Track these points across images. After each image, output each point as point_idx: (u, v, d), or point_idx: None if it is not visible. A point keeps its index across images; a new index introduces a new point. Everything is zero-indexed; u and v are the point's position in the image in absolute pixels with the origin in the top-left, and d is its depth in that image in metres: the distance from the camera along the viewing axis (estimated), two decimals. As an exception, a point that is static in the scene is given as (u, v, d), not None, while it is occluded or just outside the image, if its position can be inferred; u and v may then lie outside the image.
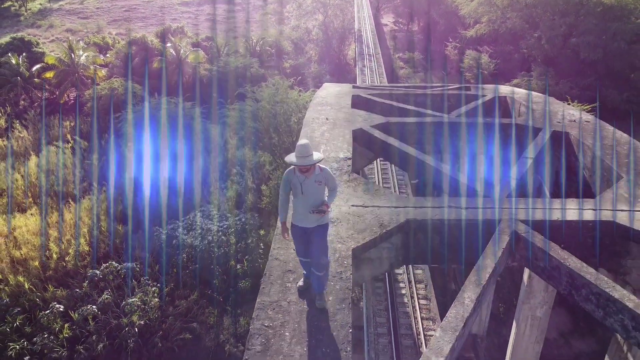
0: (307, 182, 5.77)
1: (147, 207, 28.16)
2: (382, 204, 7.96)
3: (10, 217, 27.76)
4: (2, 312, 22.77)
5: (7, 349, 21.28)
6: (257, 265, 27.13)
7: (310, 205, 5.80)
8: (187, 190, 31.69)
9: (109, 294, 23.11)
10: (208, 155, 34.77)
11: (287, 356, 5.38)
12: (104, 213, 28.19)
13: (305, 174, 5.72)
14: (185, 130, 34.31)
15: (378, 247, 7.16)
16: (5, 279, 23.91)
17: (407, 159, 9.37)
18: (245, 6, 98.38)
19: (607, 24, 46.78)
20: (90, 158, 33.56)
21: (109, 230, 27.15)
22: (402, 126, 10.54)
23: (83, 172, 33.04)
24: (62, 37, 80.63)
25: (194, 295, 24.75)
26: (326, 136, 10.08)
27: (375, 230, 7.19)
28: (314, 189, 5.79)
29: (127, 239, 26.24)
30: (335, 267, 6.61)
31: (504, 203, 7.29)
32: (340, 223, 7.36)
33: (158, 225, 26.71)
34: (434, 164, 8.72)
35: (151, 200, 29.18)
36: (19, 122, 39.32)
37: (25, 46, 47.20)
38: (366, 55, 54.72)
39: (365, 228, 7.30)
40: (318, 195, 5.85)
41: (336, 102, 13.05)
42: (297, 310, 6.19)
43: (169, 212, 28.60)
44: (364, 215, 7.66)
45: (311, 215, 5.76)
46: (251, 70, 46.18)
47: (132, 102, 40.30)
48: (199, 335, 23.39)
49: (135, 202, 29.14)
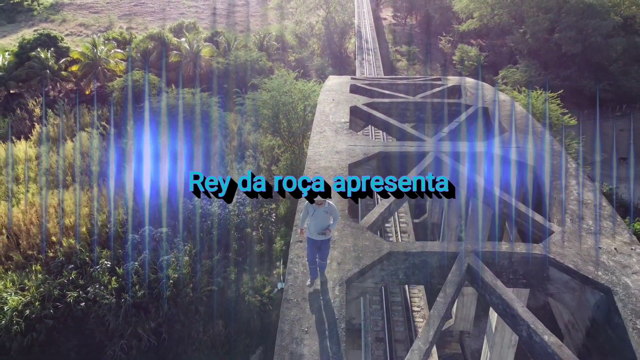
0: (318, 211, 8.37)
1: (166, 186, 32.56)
2: (365, 144, 13.13)
3: (59, 191, 32.15)
4: (59, 268, 27.23)
5: (66, 297, 25.76)
6: (269, 232, 31.61)
7: (318, 225, 8.39)
8: (205, 169, 36.13)
9: (147, 253, 27.58)
10: (224, 139, 39.14)
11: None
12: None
13: (319, 206, 8.41)
14: (203, 118, 38.54)
15: (363, 167, 12.12)
16: (59, 241, 28.32)
17: (383, 124, 14.14)
18: (249, 1, 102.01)
19: (586, 21, 50.87)
20: (121, 142, 37.90)
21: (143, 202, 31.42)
22: (382, 104, 15.30)
23: (115, 153, 37.36)
24: (76, 31, 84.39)
25: (217, 256, 29.20)
26: (333, 110, 14.86)
27: (362, 156, 11.95)
28: (322, 215, 8.37)
29: (160, 209, 30.62)
30: (337, 172, 10.93)
31: (432, 144, 12.08)
32: (342, 153, 11.89)
33: (187, 198, 31.03)
34: (398, 125, 13.32)
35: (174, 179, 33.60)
36: (52, 111, 43.65)
37: (51, 41, 51.28)
38: (365, 50, 58.79)
39: (356, 155, 12.13)
40: (324, 221, 8.40)
41: (339, 89, 17.55)
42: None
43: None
44: (355, 149, 12.80)
45: (320, 233, 8.46)
46: (259, 63, 50.27)
47: (153, 93, 44.62)
48: (222, 288, 27.84)
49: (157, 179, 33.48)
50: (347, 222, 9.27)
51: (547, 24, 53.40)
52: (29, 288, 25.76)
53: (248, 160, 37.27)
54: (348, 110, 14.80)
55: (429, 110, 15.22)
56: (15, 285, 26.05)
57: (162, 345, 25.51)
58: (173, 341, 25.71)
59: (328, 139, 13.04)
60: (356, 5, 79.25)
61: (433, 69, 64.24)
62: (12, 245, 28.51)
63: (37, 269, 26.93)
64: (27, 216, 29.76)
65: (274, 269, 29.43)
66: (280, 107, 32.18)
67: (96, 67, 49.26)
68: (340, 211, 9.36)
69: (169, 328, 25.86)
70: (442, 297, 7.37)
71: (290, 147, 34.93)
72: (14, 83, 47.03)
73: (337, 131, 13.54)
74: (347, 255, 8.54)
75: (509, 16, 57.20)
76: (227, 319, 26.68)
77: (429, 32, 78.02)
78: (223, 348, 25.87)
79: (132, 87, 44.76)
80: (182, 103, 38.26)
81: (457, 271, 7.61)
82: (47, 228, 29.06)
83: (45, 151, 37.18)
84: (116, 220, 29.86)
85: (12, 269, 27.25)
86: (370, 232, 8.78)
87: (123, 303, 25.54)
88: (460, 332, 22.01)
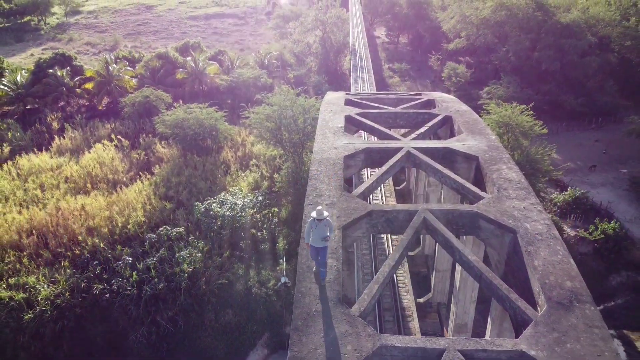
0: (319, 225, 10.52)
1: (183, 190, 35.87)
2: (355, 142, 16.90)
3: (80, 197, 35.36)
4: (85, 264, 30.33)
5: (92, 289, 28.84)
6: (272, 232, 34.79)
7: (319, 235, 10.48)
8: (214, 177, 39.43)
9: (164, 251, 30.75)
10: (230, 149, 42.52)
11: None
12: (152, 193, 35.77)
13: (319, 222, 10.55)
14: (211, 130, 41.90)
15: (354, 158, 15.49)
16: (84, 240, 31.46)
17: (370, 128, 17.75)
18: (248, 20, 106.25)
19: (564, 40, 54.96)
20: (136, 152, 41.24)
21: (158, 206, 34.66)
22: (370, 114, 19.16)
23: (130, 164, 40.66)
24: (83, 50, 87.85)
25: (226, 253, 32.36)
26: (331, 118, 18.61)
27: (353, 151, 15.82)
28: (322, 228, 10.48)
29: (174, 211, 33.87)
30: (335, 161, 14.38)
31: (406, 142, 15.68)
32: (339, 149, 15.33)
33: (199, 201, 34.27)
34: (381, 129, 17.07)
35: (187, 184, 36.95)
36: (69, 125, 47.02)
37: (66, 60, 54.84)
38: (359, 67, 62.69)
39: (349, 150, 16.01)
40: (323, 232, 10.50)
41: (336, 102, 21.17)
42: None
43: (204, 192, 36.29)
44: (348, 146, 16.68)
45: (321, 241, 10.52)
46: (261, 80, 53.94)
47: (162, 108, 48.07)
48: (231, 282, 30.94)
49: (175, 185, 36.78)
50: (343, 193, 12.67)
51: (528, 43, 57.45)
52: (59, 281, 28.82)
53: (252, 169, 40.61)
54: (343, 118, 18.38)
55: (407, 118, 18.82)
56: (47, 278, 29.12)
57: (178, 331, 28.54)
58: (188, 328, 28.76)
59: (328, 138, 16.58)
60: (351, 25, 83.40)
61: (423, 85, 68.14)
62: (41, 245, 31.59)
63: (65, 264, 29.98)
64: (53, 219, 32.86)
65: (277, 265, 32.49)
66: (282, 120, 35.51)
67: (108, 84, 52.74)
68: (337, 187, 12.76)
69: (185, 316, 28.93)
70: (405, 235, 10.81)
71: (291, 157, 38.13)
72: (32, 99, 50.43)
73: (335, 133, 17.13)
74: (342, 213, 11.99)
75: (493, 36, 61.30)
76: (236, 308, 29.77)
77: (420, 50, 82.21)
78: (233, 334, 28.91)
79: (143, 103, 48.15)
80: (192, 117, 41.48)
81: (416, 221, 10.99)
82: (72, 229, 32.18)
83: (66, 161, 40.42)
84: (135, 221, 33.02)
85: (43, 265, 30.27)
86: (359, 199, 12.19)
87: (143, 294, 28.62)
88: (437, 303, 25.56)
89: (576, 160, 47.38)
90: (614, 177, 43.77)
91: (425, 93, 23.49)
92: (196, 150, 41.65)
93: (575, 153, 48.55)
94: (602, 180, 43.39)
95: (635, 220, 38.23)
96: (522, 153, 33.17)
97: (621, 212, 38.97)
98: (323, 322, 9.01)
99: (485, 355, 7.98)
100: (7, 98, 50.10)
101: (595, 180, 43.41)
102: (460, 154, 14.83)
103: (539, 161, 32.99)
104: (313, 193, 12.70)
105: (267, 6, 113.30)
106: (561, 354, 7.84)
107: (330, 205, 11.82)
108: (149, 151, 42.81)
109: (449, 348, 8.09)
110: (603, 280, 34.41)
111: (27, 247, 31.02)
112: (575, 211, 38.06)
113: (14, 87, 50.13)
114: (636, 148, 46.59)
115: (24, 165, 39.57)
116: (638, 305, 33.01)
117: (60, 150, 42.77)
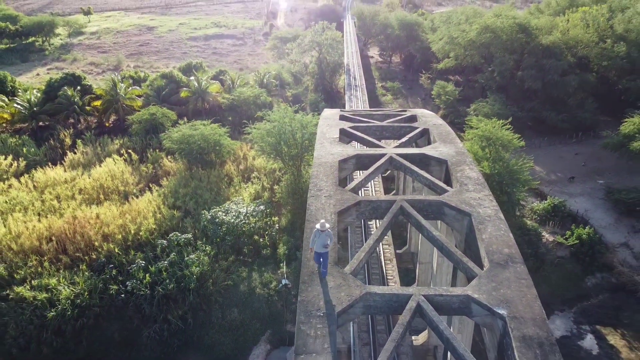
0: (321, 235, 12.41)
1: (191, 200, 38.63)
2: (348, 150, 20.03)
3: (94, 207, 38.05)
4: (102, 267, 32.90)
5: (108, 289, 31.38)
6: (273, 239, 37.50)
7: (321, 243, 12.40)
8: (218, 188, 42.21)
9: (174, 255, 33.39)
10: (233, 163, 45.44)
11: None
12: (161, 203, 38.51)
13: (322, 232, 12.45)
14: (214, 145, 44.82)
15: (347, 162, 18.43)
16: (100, 246, 34.08)
17: (360, 139, 20.88)
18: (246, 41, 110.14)
19: (545, 61, 58.65)
20: (144, 165, 44.06)
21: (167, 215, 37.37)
22: (361, 127, 22.35)
23: (139, 177, 43.45)
24: (87, 70, 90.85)
25: (231, 257, 35.04)
26: (328, 130, 21.73)
27: (346, 156, 18.97)
28: (324, 237, 12.38)
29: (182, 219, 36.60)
30: (332, 164, 17.36)
31: (389, 150, 18.67)
32: (335, 155, 18.34)
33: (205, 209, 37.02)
34: (369, 139, 20.13)
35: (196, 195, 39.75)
36: (80, 141, 49.89)
37: (76, 80, 57.84)
38: (353, 86, 66.18)
39: (343, 155, 19.24)
40: (325, 240, 12.39)
41: (332, 117, 24.32)
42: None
43: (209, 202, 39.06)
44: (342, 153, 20.01)
45: (322, 248, 12.53)
46: (261, 98, 57.14)
47: (168, 124, 51.04)
48: (236, 283, 33.59)
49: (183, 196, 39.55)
50: (338, 187, 15.65)
51: (512, 63, 61.14)
52: (78, 283, 31.38)
53: (254, 180, 43.49)
54: (338, 131, 21.52)
55: (392, 131, 21.91)
56: (67, 280, 31.67)
57: (188, 328, 31.06)
58: (197, 325, 31.31)
59: (326, 147, 19.59)
60: (345, 46, 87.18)
61: (414, 102, 71.64)
62: (60, 250, 34.17)
63: (83, 268, 32.56)
64: (70, 226, 35.48)
65: (278, 268, 35.16)
66: (282, 135, 38.46)
67: (116, 102, 55.72)
68: (333, 183, 15.73)
69: (194, 314, 31.51)
70: (386, 218, 13.87)
71: (290, 169, 40.99)
72: (44, 116, 53.33)
73: (331, 143, 20.26)
74: (337, 202, 15.04)
75: (479, 56, 65.00)
76: (241, 307, 32.39)
77: (412, 69, 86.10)
78: (238, 331, 31.43)
79: (150, 120, 51.10)
80: (197, 133, 44.39)
81: (394, 208, 13.93)
82: (89, 236, 34.81)
83: (79, 174, 43.18)
84: (146, 229, 35.70)
85: (62, 268, 32.83)
86: (351, 192, 15.14)
87: (156, 294, 31.17)
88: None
89: (557, 172, 50.58)
90: (591, 187, 46.90)
91: (409, 110, 26.66)
92: (201, 164, 44.48)
93: (556, 165, 51.77)
94: (580, 191, 46.49)
95: (609, 226, 41.25)
96: (503, 165, 36.13)
97: (597, 220, 41.99)
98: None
99: (442, 298, 10.79)
100: (21, 116, 52.95)
101: (574, 191, 46.51)
102: (433, 158, 17.91)
103: (518, 172, 35.95)
104: (314, 188, 15.64)
105: (264, 27, 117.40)
106: (496, 296, 10.64)
107: (327, 197, 14.74)
108: (156, 165, 45.65)
109: (415, 294, 10.90)
110: (579, 282, 37.26)
111: (47, 253, 33.56)
112: (554, 218, 41.05)
113: (28, 106, 53.05)
114: (612, 161, 49.82)
115: (40, 179, 42.25)
116: (611, 303, 35.81)
117: (73, 164, 45.52)
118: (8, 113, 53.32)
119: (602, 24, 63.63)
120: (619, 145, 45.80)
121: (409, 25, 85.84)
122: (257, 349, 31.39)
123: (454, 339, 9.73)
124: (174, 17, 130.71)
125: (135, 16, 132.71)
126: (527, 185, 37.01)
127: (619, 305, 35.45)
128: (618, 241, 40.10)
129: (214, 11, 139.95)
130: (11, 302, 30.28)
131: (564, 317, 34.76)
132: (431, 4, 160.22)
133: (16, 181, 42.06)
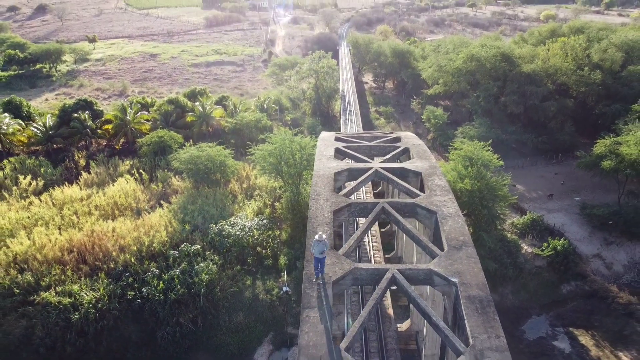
0: (319, 244, 16.12)
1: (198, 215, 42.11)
2: (341, 164, 24.26)
3: (109, 222, 41.43)
4: (119, 275, 36.11)
5: (126, 295, 34.56)
6: (275, 251, 40.87)
7: (319, 250, 16.02)
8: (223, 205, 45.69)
9: (185, 264, 36.68)
10: (236, 182, 49.08)
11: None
12: (172, 218, 41.94)
13: (319, 242, 16.32)
14: (220, 165, 48.47)
15: (341, 174, 22.29)
16: (117, 256, 37.37)
17: (352, 156, 24.68)
18: (246, 67, 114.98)
19: (526, 87, 63.15)
20: (154, 184, 47.60)
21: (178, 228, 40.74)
22: (352, 146, 26.30)
23: (150, 194, 46.95)
24: (93, 95, 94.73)
25: (237, 267, 38.35)
26: (325, 149, 25.82)
27: (340, 169, 22.69)
28: (321, 246, 15.98)
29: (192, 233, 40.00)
30: (328, 176, 21.05)
31: (375, 164, 22.39)
32: (331, 168, 22.06)
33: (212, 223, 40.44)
34: (359, 156, 23.95)
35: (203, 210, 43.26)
36: (94, 162, 53.52)
37: (88, 105, 61.80)
38: (348, 111, 70.47)
39: (337, 169, 23.55)
40: (322, 248, 15.99)
41: (328, 139, 28.29)
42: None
43: (215, 217, 42.50)
44: (337, 167, 25.22)
45: (320, 254, 16.42)
46: (261, 122, 61.12)
47: (175, 147, 54.78)
48: (242, 290, 36.84)
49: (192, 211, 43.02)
50: (333, 193, 19.35)
51: (495, 89, 65.63)
52: (98, 289, 34.59)
53: (256, 198, 47.07)
54: (334, 149, 25.52)
55: (379, 150, 25.89)
56: (88, 287, 34.88)
57: (198, 330, 34.18)
58: (206, 327, 34.44)
59: (323, 162, 23.45)
60: (341, 72, 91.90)
61: (406, 125, 75.88)
62: (80, 260, 37.43)
63: (102, 276, 35.80)
64: (89, 239, 38.81)
65: (280, 277, 38.44)
66: (282, 156, 42.18)
67: (126, 126, 59.55)
68: (329, 190, 19.41)
69: (203, 318, 34.66)
70: (370, 215, 17.50)
71: (289, 187, 44.52)
72: (59, 139, 57.06)
73: (327, 159, 24.27)
74: (333, 204, 18.71)
75: (466, 83, 69.56)
76: (246, 311, 35.60)
77: (404, 95, 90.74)
78: (243, 333, 34.59)
79: (158, 142, 54.84)
80: (204, 154, 48.05)
81: (377, 208, 17.65)
82: (106, 247, 38.13)
83: (94, 192, 46.67)
84: (159, 241, 39.05)
85: (83, 276, 36.04)
86: (343, 196, 18.84)
87: (169, 299, 34.34)
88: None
89: (538, 190, 54.42)
90: (568, 204, 50.69)
91: (395, 132, 30.71)
92: (207, 183, 48.01)
93: (537, 184, 55.64)
94: (558, 207, 50.26)
95: (583, 239, 44.89)
96: (483, 182, 39.79)
97: (572, 233, 45.64)
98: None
99: (411, 272, 14.34)
100: (37, 138, 56.67)
101: (552, 207, 50.26)
102: (411, 171, 21.81)
103: (497, 188, 39.60)
104: (314, 193, 19.37)
105: (263, 54, 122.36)
106: (451, 269, 14.21)
107: (325, 200, 18.42)
108: (165, 184, 49.19)
109: (391, 269, 14.45)
110: (555, 289, 40.69)
111: (68, 262, 36.81)
112: (532, 232, 44.67)
113: (44, 129, 56.82)
114: (588, 179, 53.69)
115: (58, 196, 45.67)
116: (584, 308, 39.17)
117: (88, 183, 49.03)
118: (25, 136, 57.08)
119: (579, 53, 68.49)
120: (592, 165, 49.64)
121: (401, 53, 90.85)
122: (261, 349, 34.47)
123: (417, 297, 13.23)
124: (176, 45, 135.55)
125: (139, 44, 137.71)
126: (506, 201, 40.59)
127: (591, 310, 38.78)
128: (591, 252, 43.71)
129: (215, 39, 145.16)
130: (38, 307, 33.44)
131: (541, 321, 38.06)
132: (423, 31, 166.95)
133: (36, 199, 45.46)
